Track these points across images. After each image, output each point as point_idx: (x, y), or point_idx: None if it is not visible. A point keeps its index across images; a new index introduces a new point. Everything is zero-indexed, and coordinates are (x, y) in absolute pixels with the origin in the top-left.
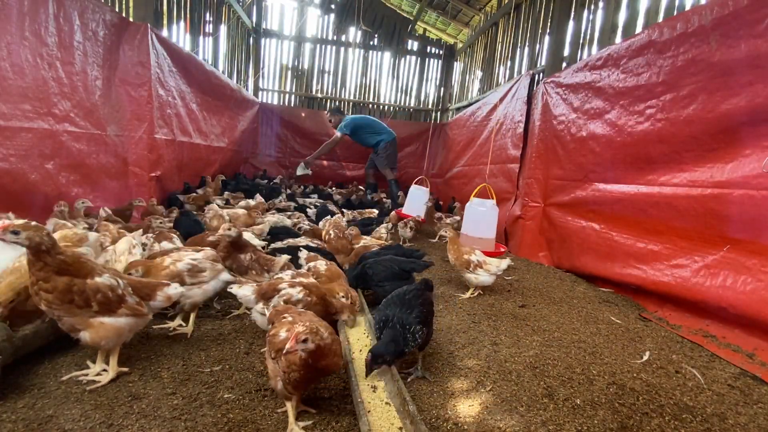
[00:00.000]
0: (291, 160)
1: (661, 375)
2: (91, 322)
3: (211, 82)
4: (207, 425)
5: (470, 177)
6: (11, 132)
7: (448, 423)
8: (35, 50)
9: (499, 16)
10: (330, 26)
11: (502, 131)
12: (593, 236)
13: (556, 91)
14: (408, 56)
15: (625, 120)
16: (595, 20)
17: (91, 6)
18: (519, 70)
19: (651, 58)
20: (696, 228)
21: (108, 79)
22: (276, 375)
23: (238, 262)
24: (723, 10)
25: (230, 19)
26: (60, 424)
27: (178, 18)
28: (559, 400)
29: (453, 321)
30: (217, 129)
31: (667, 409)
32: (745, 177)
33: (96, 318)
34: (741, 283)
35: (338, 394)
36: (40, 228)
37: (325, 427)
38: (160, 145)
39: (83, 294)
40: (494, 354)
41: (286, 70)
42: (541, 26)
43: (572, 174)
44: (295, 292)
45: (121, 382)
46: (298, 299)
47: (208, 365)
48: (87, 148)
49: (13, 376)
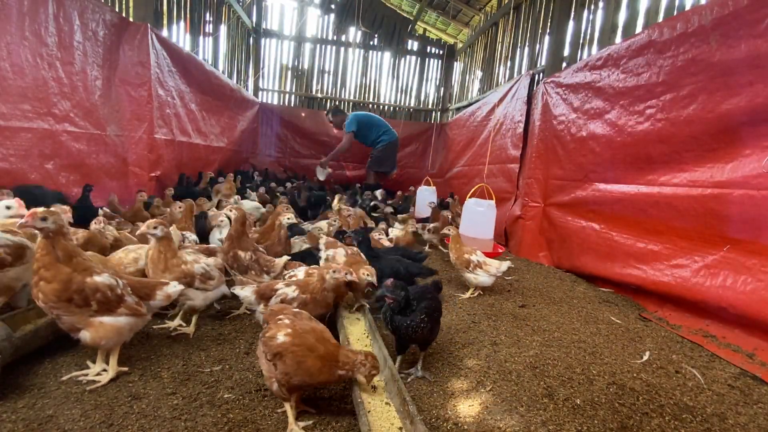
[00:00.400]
0: (291, 160)
1: (661, 375)
2: (92, 321)
3: (210, 82)
4: (207, 425)
5: (470, 177)
6: (11, 132)
7: (448, 423)
8: (35, 50)
9: (499, 16)
10: (330, 26)
11: (501, 131)
12: (593, 236)
13: (556, 91)
14: (408, 56)
15: (625, 120)
16: (595, 20)
17: (91, 6)
18: (519, 70)
19: (651, 58)
20: (696, 228)
21: (108, 79)
22: (272, 376)
23: (238, 261)
24: (723, 10)
25: (230, 19)
26: (60, 424)
27: (178, 18)
28: (559, 400)
29: (453, 321)
30: (217, 129)
31: (667, 409)
32: (745, 177)
33: (96, 317)
34: (741, 283)
35: (338, 394)
36: (57, 212)
37: (325, 427)
38: (160, 145)
39: (82, 292)
40: (494, 354)
41: (286, 70)
42: (541, 26)
43: (572, 174)
44: (290, 291)
45: (121, 382)
46: (293, 297)
47: (208, 365)
48: (87, 148)
49: (13, 376)
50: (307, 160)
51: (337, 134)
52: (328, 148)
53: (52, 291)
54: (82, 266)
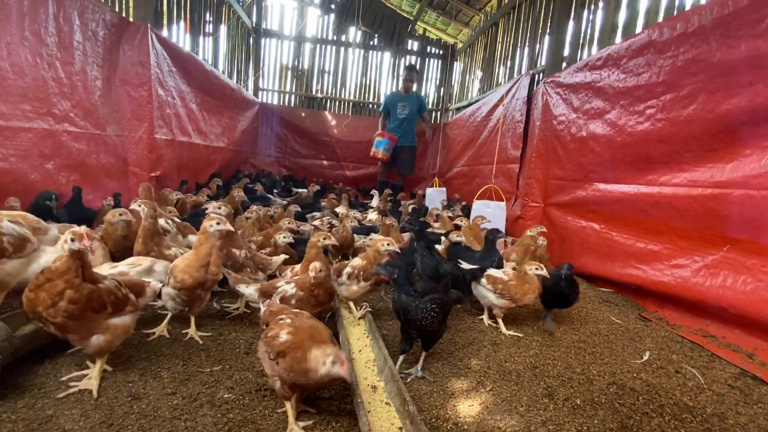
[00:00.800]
0: (291, 160)
1: (661, 375)
2: (108, 324)
3: (211, 82)
4: (207, 425)
5: (470, 177)
6: (11, 132)
7: (448, 423)
8: (35, 50)
9: (499, 16)
10: (330, 26)
11: (502, 131)
12: (593, 236)
13: (556, 91)
14: (408, 56)
15: (626, 120)
16: (595, 20)
17: (91, 6)
18: (519, 70)
19: (651, 58)
20: (696, 228)
21: (108, 79)
22: (274, 375)
23: (233, 259)
24: (723, 10)
25: (230, 19)
26: (60, 424)
27: (178, 18)
28: (559, 400)
29: (453, 321)
30: (217, 129)
31: (667, 409)
32: (745, 177)
33: (110, 320)
34: (741, 283)
35: (338, 394)
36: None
37: (325, 427)
38: (160, 145)
39: (100, 299)
40: (494, 354)
41: (286, 70)
42: (541, 26)
43: (572, 174)
44: (289, 288)
45: (121, 382)
46: (291, 294)
47: (208, 365)
48: (87, 148)
49: (13, 376)
50: (307, 160)
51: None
52: (328, 148)
53: (77, 308)
54: (94, 277)
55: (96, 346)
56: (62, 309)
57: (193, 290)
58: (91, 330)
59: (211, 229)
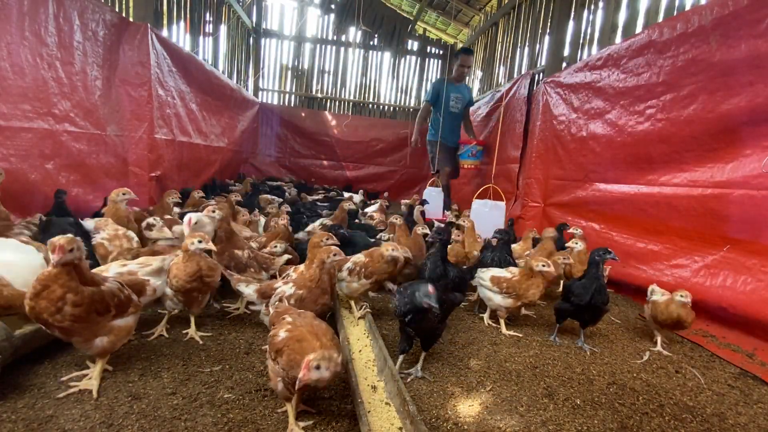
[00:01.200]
0: (291, 160)
1: (661, 375)
2: (112, 326)
3: (211, 82)
4: (207, 425)
5: (470, 177)
6: (11, 132)
7: (448, 423)
8: (35, 50)
9: (499, 16)
10: (330, 26)
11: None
12: (593, 236)
13: (556, 91)
14: (408, 56)
15: (626, 120)
16: (595, 20)
17: (91, 6)
18: (519, 70)
19: (651, 58)
20: (696, 228)
21: (108, 79)
22: (276, 375)
23: (236, 260)
24: (723, 10)
25: (230, 19)
26: (60, 424)
27: (178, 18)
28: (559, 400)
29: (453, 321)
30: (217, 129)
31: (667, 409)
32: (745, 177)
33: (114, 321)
34: (741, 283)
35: (338, 394)
36: (78, 240)
37: (325, 427)
38: (160, 145)
39: (103, 301)
40: (494, 354)
41: (286, 70)
42: (541, 26)
43: (572, 174)
44: (288, 288)
45: (121, 382)
46: (290, 294)
47: (208, 365)
48: (87, 148)
49: (13, 376)
50: (307, 160)
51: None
52: (328, 148)
53: (82, 310)
54: (95, 279)
55: (99, 347)
56: (68, 314)
57: (189, 293)
58: (95, 332)
59: (192, 247)
